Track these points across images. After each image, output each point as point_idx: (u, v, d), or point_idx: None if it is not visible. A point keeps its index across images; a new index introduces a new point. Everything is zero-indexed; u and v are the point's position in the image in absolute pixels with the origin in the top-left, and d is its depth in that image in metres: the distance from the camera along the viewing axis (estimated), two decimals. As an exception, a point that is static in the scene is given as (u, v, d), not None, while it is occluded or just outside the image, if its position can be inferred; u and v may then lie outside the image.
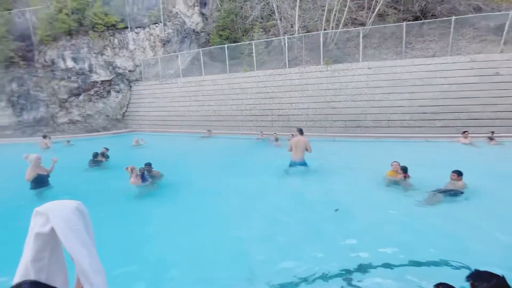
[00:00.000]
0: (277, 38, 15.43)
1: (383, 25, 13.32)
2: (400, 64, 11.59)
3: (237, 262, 3.35)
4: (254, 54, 14.55)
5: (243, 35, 17.85)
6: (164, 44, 18.14)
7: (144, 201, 5.55)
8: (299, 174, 6.93)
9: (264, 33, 16.52)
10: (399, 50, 12.64)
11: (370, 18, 14.45)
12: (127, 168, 5.73)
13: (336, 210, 4.59)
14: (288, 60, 13.99)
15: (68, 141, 12.30)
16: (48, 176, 5.72)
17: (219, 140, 13.08)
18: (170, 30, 18.20)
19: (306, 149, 6.72)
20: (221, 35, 17.91)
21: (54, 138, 13.07)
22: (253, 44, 14.70)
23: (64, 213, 1.00)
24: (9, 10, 17.24)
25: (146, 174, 5.98)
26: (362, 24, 14.57)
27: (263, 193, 5.81)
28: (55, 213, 0.99)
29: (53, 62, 16.79)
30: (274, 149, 10.35)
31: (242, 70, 14.85)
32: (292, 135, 11.61)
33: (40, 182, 5.58)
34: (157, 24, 17.97)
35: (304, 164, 6.87)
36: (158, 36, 18.07)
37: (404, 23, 12.31)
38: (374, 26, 13.39)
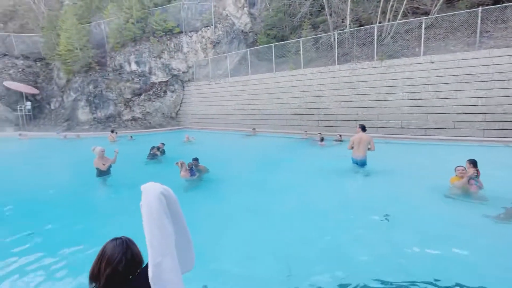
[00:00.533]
0: (327, 34, 14.81)
1: (452, 13, 11.66)
2: (474, 56, 9.98)
3: (275, 260, 3.31)
4: (301, 52, 14.24)
5: (291, 33, 17.62)
6: (214, 45, 19.02)
7: (191, 194, 5.91)
8: (346, 175, 6.55)
9: (312, 29, 16.04)
10: (471, 41, 10.92)
11: (435, 5, 12.83)
12: (177, 163, 6.19)
13: (386, 217, 4.19)
14: (338, 57, 13.32)
15: (131, 136, 13.83)
16: (109, 166, 6.48)
17: (263, 139, 13.18)
18: (220, 32, 18.98)
19: (369, 148, 6.48)
20: (268, 34, 17.99)
21: (120, 133, 14.85)
22: (301, 41, 14.39)
23: (150, 197, 1.19)
24: (89, 23, 20.13)
25: (194, 168, 6.35)
26: (426, 14, 13.01)
27: (304, 193, 5.64)
28: (145, 195, 1.21)
29: (120, 66, 19.07)
30: (318, 149, 10.00)
31: (288, 68, 14.68)
32: (340, 135, 11.09)
33: (103, 171, 6.37)
34: (208, 27, 18.92)
35: (364, 163, 6.63)
36: (209, 38, 19.01)
37: (480, 8, 10.58)
38: (440, 15, 11.82)
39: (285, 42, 15.83)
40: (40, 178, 7.83)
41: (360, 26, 14.02)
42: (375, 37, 12.19)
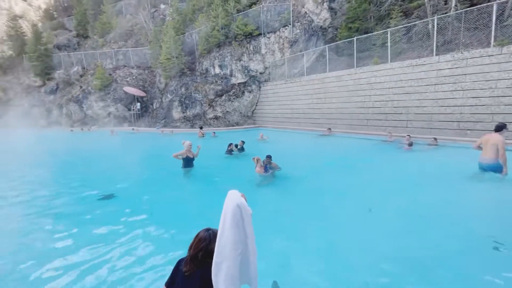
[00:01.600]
0: (423, 20, 12.74)
1: None
2: None
3: (336, 265, 3.04)
4: (388, 44, 12.71)
5: (376, 24, 15.95)
6: (291, 45, 19.02)
7: (263, 189, 6.10)
8: (450, 182, 5.50)
9: (404, 17, 14.09)
10: None
11: None
12: (253, 159, 6.48)
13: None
14: (437, 46, 11.28)
15: (214, 133, 15.24)
16: (193, 159, 7.31)
17: (338, 139, 12.43)
18: (298, 31, 18.83)
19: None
20: (350, 28, 16.78)
21: (205, 130, 16.62)
22: (388, 32, 12.84)
23: (230, 204, 1.47)
24: (183, 33, 23.21)
25: (268, 165, 6.52)
26: None
27: (383, 201, 5.00)
28: (227, 201, 1.51)
29: (206, 70, 21.29)
30: (405, 153, 8.72)
31: (371, 63, 13.35)
32: (435, 139, 9.39)
33: (188, 163, 7.23)
34: (286, 27, 19.05)
35: (495, 168, 5.39)
36: (287, 37, 19.12)
37: None
38: None
39: (369, 34, 14.44)
40: (143, 164, 9.53)
41: (471, 6, 11.48)
42: (494, 17, 9.74)
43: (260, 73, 20.30)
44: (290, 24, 18.88)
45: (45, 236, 4.14)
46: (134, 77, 25.34)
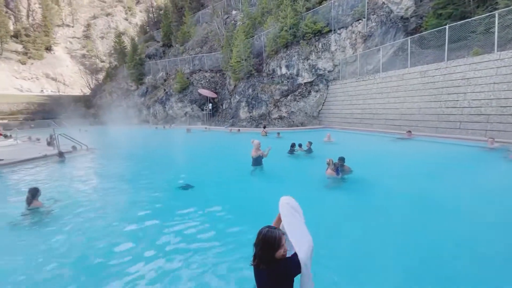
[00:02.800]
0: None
1: None
2: None
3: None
4: (495, 29, 10.39)
5: (478, 7, 13.27)
6: (365, 39, 17.57)
7: (334, 192, 5.76)
8: None
9: (519, -6, 11.32)
10: None
11: None
12: (328, 160, 6.19)
13: None
14: None
15: (278, 133, 15.16)
16: (262, 157, 7.41)
17: (421, 144, 10.81)
18: (373, 24, 17.24)
19: None
20: (440, 15, 14.44)
21: (268, 130, 16.87)
22: (496, 15, 10.49)
23: (283, 209, 1.98)
24: (252, 36, 24.10)
25: (339, 167, 6.16)
26: None
27: (480, 227, 4.04)
28: (280, 207, 2.00)
29: (273, 71, 21.58)
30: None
31: (469, 54, 11.16)
32: None
33: (257, 161, 7.36)
34: (360, 21, 17.68)
35: None
36: (360, 32, 17.74)
37: None
38: None
39: (467, 20, 12.11)
40: (214, 160, 10.25)
41: None
42: None
43: (329, 72, 19.42)
44: (364, 18, 17.45)
45: (135, 216, 4.84)
46: (207, 80, 27.67)
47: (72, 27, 75.78)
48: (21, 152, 12.17)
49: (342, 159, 6.25)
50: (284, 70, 20.79)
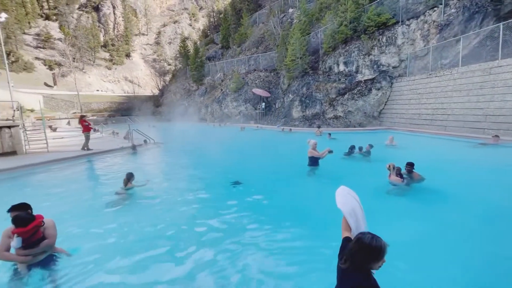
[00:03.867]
0: None
1: None
2: None
3: None
4: None
5: None
6: (440, 29, 15.35)
7: (394, 199, 5.19)
8: None
9: None
10: None
11: None
12: (389, 165, 5.64)
13: None
14: None
15: (329, 134, 14.25)
16: (318, 158, 7.13)
17: (510, 151, 8.92)
18: (453, 10, 14.92)
19: None
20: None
21: (323, 130, 16.22)
22: None
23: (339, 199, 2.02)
24: (309, 34, 23.47)
25: (404, 173, 5.54)
26: None
27: None
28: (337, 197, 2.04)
29: (330, 68, 20.63)
30: None
31: None
32: None
33: (313, 161, 7.11)
34: (434, 8, 15.52)
35: None
36: (434, 21, 15.58)
37: None
38: None
39: None
40: (267, 158, 10.31)
41: None
42: None
43: (393, 68, 17.62)
44: (441, 4, 15.24)
45: (191, 203, 5.19)
46: (261, 80, 28.11)
47: (146, 35, 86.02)
48: (105, 144, 14.35)
49: (411, 165, 5.58)
50: (341, 67, 19.69)
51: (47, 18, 70.81)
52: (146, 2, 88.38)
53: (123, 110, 48.50)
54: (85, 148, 11.89)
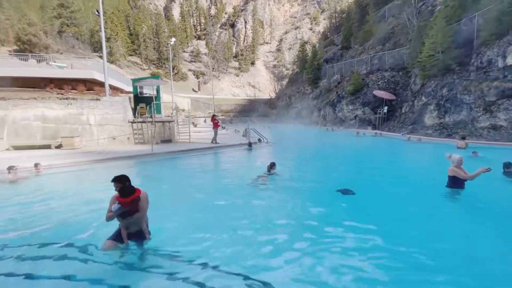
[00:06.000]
0: None
1: None
2: None
3: None
4: None
5: None
6: None
7: None
8: None
9: None
10: None
11: None
12: None
13: None
14: None
15: (475, 152, 10.22)
16: (464, 180, 5.44)
17: None
18: None
19: None
20: None
21: (469, 142, 12.45)
22: None
23: None
24: (458, 21, 18.63)
25: None
26: None
27: None
28: None
29: (489, 63, 15.62)
30: None
31: None
32: None
33: (455, 182, 5.50)
34: None
35: None
36: None
37: None
38: None
39: None
40: (385, 170, 8.93)
41: None
42: None
43: None
44: None
45: (299, 203, 5.11)
46: (385, 80, 24.84)
47: (269, 43, 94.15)
48: (228, 139, 16.71)
49: None
50: (510, 60, 14.48)
51: (199, 38, 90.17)
52: (272, 13, 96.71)
53: (245, 111, 55.05)
54: (214, 141, 14.26)
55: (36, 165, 8.08)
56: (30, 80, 17.02)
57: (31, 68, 18.95)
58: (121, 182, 3.45)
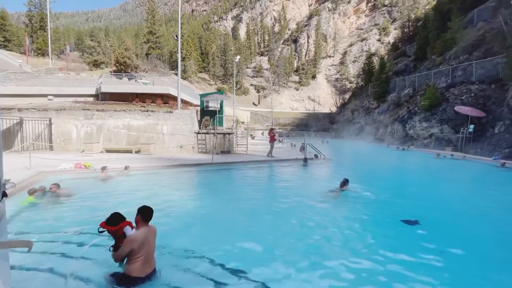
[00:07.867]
0: None
1: None
2: None
3: None
4: None
5: None
6: None
7: None
8: None
9: None
10: None
11: None
12: None
13: None
14: None
15: None
16: None
17: None
18: None
19: None
20: None
21: None
22: None
23: None
24: None
25: None
26: None
27: None
28: None
29: None
30: None
31: None
32: None
33: None
34: None
35: None
36: None
37: None
38: None
39: None
40: (467, 202, 7.44)
41: None
42: None
43: None
44: None
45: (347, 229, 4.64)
46: (472, 95, 21.20)
47: (332, 57, 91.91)
48: (284, 153, 16.66)
49: None
50: None
51: (262, 54, 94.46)
52: (336, 26, 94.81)
53: (303, 125, 54.31)
54: (269, 155, 14.38)
55: (126, 167, 9.52)
56: (122, 95, 20.50)
57: (123, 85, 22.93)
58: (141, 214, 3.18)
